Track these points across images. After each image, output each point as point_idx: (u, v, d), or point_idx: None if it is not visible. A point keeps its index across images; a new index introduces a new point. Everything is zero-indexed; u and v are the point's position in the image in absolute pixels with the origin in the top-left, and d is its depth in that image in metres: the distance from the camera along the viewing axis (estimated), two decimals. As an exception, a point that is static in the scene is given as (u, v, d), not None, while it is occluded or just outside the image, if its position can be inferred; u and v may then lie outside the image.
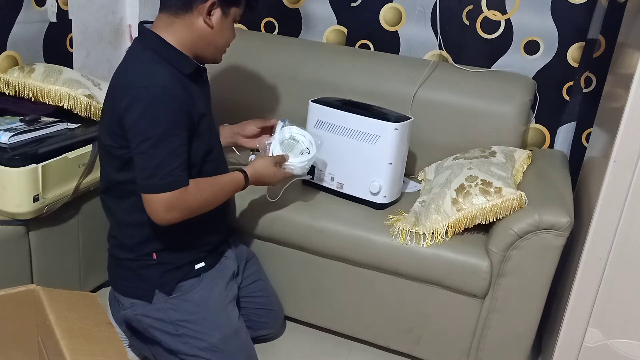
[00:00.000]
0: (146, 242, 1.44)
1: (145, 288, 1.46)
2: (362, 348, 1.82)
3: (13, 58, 1.81)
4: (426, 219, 1.62)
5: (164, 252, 1.45)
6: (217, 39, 1.42)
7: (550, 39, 1.98)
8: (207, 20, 1.37)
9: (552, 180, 1.72)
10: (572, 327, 1.53)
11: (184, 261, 1.48)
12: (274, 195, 1.75)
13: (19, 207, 1.51)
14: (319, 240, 1.69)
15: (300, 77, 2.12)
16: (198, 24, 1.37)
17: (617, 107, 1.44)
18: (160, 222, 1.33)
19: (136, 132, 1.29)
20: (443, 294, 1.63)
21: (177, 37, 1.38)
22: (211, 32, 1.39)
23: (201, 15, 1.36)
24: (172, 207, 1.31)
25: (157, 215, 1.31)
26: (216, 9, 1.37)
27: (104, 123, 1.39)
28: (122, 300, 1.50)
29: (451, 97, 1.97)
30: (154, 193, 1.29)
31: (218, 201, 1.45)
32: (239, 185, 1.49)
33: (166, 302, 1.46)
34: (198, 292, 1.49)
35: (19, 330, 1.33)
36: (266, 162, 1.55)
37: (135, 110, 1.28)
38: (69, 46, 2.03)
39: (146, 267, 1.46)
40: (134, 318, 1.48)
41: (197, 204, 1.36)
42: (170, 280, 1.46)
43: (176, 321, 1.46)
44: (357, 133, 1.71)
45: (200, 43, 1.40)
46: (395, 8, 2.14)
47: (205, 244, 1.52)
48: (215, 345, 1.47)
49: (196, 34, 1.38)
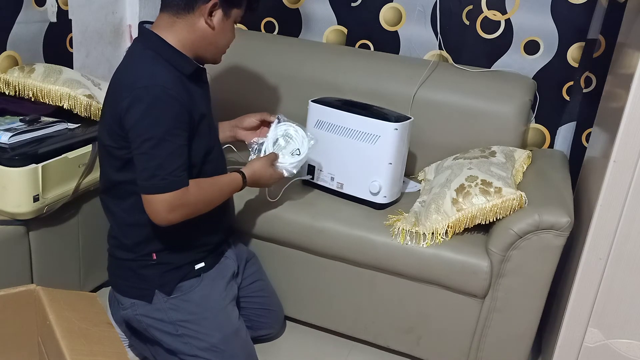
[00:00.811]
0: (146, 243, 1.44)
1: (145, 288, 1.46)
2: (362, 348, 1.82)
3: (13, 58, 1.81)
4: (426, 219, 1.62)
5: (164, 253, 1.45)
6: (218, 40, 1.42)
7: (550, 39, 1.98)
8: (209, 21, 1.37)
9: (552, 180, 1.72)
10: (572, 327, 1.53)
11: (184, 261, 1.48)
12: (274, 195, 1.75)
13: (19, 207, 1.51)
14: (319, 240, 1.69)
15: (300, 77, 2.12)
16: (199, 25, 1.37)
17: (617, 107, 1.44)
18: (161, 223, 1.33)
19: (137, 133, 1.29)
20: (443, 294, 1.63)
21: (178, 37, 1.38)
22: (212, 32, 1.39)
23: (202, 15, 1.36)
24: (174, 207, 1.31)
25: (159, 216, 1.31)
26: (217, 9, 1.38)
27: (104, 123, 1.39)
28: (122, 300, 1.50)
29: (451, 97, 1.97)
30: (155, 194, 1.29)
31: (217, 202, 1.46)
32: (238, 186, 1.51)
33: (166, 302, 1.46)
34: (198, 292, 1.49)
35: (19, 330, 1.33)
36: (263, 164, 1.56)
37: (136, 110, 1.28)
38: (69, 46, 2.03)
39: (146, 267, 1.46)
40: (134, 318, 1.49)
41: (197, 204, 1.37)
42: (170, 281, 1.46)
43: (176, 321, 1.46)
44: (357, 133, 1.71)
45: (201, 43, 1.40)
46: (395, 8, 2.14)
47: (205, 244, 1.52)
48: (215, 345, 1.47)
49: (197, 35, 1.38)
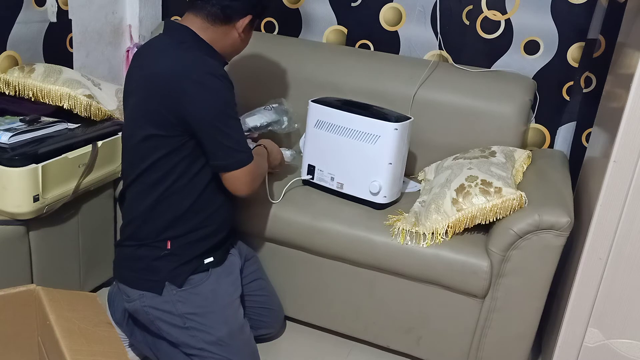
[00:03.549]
0: (163, 230, 1.46)
1: (156, 280, 1.47)
2: (362, 348, 1.82)
3: (13, 58, 1.81)
4: (426, 219, 1.62)
5: (178, 241, 1.47)
6: (242, 47, 1.56)
7: (550, 39, 1.98)
8: (241, 33, 1.48)
9: (552, 180, 1.72)
10: (572, 327, 1.53)
11: (195, 254, 1.49)
12: (275, 196, 1.75)
13: (19, 207, 1.51)
14: (319, 240, 1.69)
15: (300, 77, 2.12)
16: (232, 34, 1.48)
17: (617, 107, 1.44)
18: (246, 194, 1.45)
19: (205, 116, 1.36)
20: (443, 294, 1.63)
21: (209, 39, 1.46)
22: (240, 41, 1.52)
23: (238, 28, 1.47)
24: (255, 176, 1.45)
25: (246, 187, 1.44)
26: (250, 22, 1.48)
27: (143, 114, 1.41)
28: (129, 292, 1.49)
29: (451, 97, 1.97)
30: (239, 168, 1.40)
31: (265, 171, 1.65)
32: (265, 157, 1.66)
33: (175, 295, 1.47)
34: (207, 286, 1.50)
35: (19, 330, 1.33)
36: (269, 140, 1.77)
37: (198, 96, 1.35)
38: (69, 46, 2.03)
39: (159, 259, 1.47)
40: (142, 310, 1.48)
41: (263, 173, 1.58)
42: (182, 273, 1.48)
43: (184, 314, 1.47)
44: (357, 133, 1.71)
45: (229, 50, 1.52)
46: (395, 8, 2.13)
47: (216, 237, 1.54)
48: (222, 339, 1.47)
49: (228, 42, 1.49)
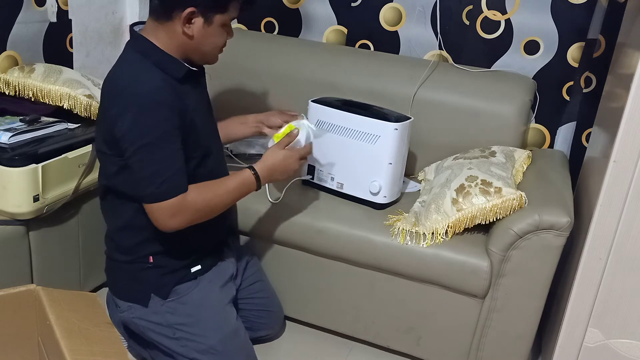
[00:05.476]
0: (143, 245, 1.43)
1: (141, 291, 1.45)
2: (362, 348, 1.82)
3: (13, 58, 1.81)
4: (426, 219, 1.62)
5: (161, 255, 1.44)
6: (201, 46, 1.36)
7: (550, 39, 1.98)
8: (186, 29, 1.31)
9: (552, 180, 1.72)
10: (572, 327, 1.53)
11: (181, 264, 1.47)
12: (275, 196, 1.75)
13: (19, 207, 1.51)
14: (319, 240, 1.69)
15: (300, 77, 2.11)
16: (178, 32, 1.32)
17: (617, 107, 1.44)
18: (166, 229, 1.32)
19: (128, 141, 1.27)
20: (443, 294, 1.63)
21: (162, 42, 1.34)
22: (192, 39, 1.33)
23: (180, 24, 1.31)
24: (174, 213, 1.29)
25: (162, 223, 1.30)
26: (197, 17, 1.31)
27: (99, 129, 1.39)
28: (119, 302, 1.49)
29: (451, 97, 1.96)
30: (153, 202, 1.28)
31: (226, 203, 1.41)
32: (250, 183, 1.43)
33: (162, 306, 1.45)
34: (195, 295, 1.48)
35: (19, 330, 1.33)
36: (273, 150, 1.49)
37: (125, 118, 1.26)
38: (69, 46, 2.03)
39: (143, 271, 1.45)
40: (131, 321, 1.48)
41: (200, 209, 1.34)
42: (167, 284, 1.45)
43: (173, 324, 1.45)
44: (357, 133, 1.71)
45: (185, 49, 1.36)
46: (395, 8, 2.13)
47: (203, 247, 1.51)
48: (213, 347, 1.46)
49: (179, 41, 1.34)
